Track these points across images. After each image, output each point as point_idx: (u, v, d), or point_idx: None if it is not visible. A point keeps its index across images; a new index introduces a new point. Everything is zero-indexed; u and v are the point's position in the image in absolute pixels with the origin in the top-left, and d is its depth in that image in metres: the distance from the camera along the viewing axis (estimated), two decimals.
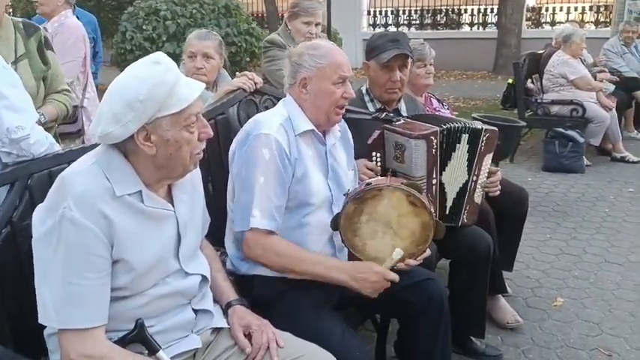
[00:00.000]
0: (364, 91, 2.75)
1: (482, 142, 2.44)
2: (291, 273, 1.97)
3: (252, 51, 8.20)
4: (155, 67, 1.47)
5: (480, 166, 2.48)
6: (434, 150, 2.34)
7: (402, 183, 1.94)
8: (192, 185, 1.71)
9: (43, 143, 2.00)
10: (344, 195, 2.00)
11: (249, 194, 1.92)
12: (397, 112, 2.72)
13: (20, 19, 2.68)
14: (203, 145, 1.57)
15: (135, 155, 1.51)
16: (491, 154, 2.51)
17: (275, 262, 1.95)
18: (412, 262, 1.97)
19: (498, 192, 2.68)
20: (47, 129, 2.59)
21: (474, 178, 2.49)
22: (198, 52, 2.93)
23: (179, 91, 1.47)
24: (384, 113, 2.64)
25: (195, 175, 1.74)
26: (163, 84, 1.44)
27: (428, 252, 2.00)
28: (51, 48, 2.73)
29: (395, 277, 1.91)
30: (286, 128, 2.01)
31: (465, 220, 2.54)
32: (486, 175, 2.55)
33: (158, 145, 1.48)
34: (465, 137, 2.43)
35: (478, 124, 2.49)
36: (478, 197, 2.55)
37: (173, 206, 1.61)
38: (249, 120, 2.11)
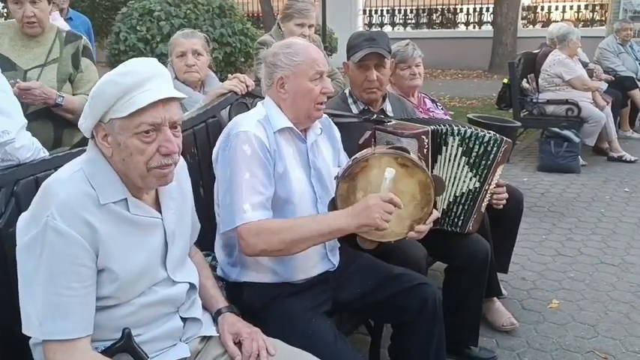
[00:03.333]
0: (347, 93, 2.73)
1: (500, 152, 2.41)
2: (295, 246, 1.84)
3: (247, 51, 8.14)
4: (118, 68, 1.47)
5: (493, 176, 2.46)
6: (425, 149, 2.32)
7: (387, 148, 1.89)
8: (180, 192, 1.68)
9: (29, 148, 1.99)
10: (335, 178, 1.96)
11: (236, 192, 1.86)
12: (382, 112, 2.70)
13: (67, 29, 2.91)
14: (167, 160, 1.48)
15: (108, 158, 1.49)
16: (502, 166, 2.47)
17: (275, 242, 1.82)
18: (423, 227, 1.90)
19: (501, 206, 2.65)
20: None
21: (487, 187, 2.45)
22: (187, 50, 2.96)
23: (134, 97, 1.42)
24: (374, 114, 2.62)
25: (184, 182, 1.72)
26: (113, 84, 1.43)
27: (436, 213, 1.94)
28: (88, 56, 2.87)
29: (397, 200, 1.76)
30: (264, 125, 1.98)
31: (471, 229, 2.52)
32: (495, 185, 2.52)
33: (113, 147, 1.47)
34: (453, 140, 2.39)
35: (491, 134, 2.44)
36: (483, 207, 2.53)
37: (161, 214, 1.59)
38: (230, 122, 2.09)
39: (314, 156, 2.09)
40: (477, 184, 2.44)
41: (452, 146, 2.41)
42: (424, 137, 2.31)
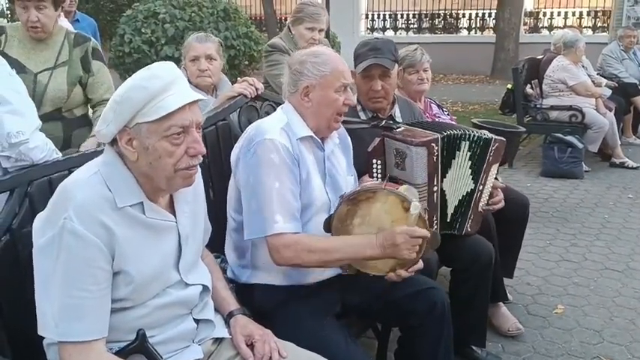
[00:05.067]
0: (355, 101, 2.74)
1: (490, 151, 2.43)
2: (327, 265, 1.97)
3: (251, 54, 8.19)
4: (141, 72, 1.48)
5: (487, 176, 2.47)
6: (435, 157, 2.33)
7: (397, 188, 1.91)
8: (194, 195, 1.69)
9: (43, 149, 2.00)
10: (339, 197, 1.99)
11: (265, 201, 1.88)
12: (391, 118, 2.71)
13: (75, 32, 2.89)
14: (194, 161, 1.51)
15: (129, 162, 1.50)
16: (497, 165, 2.49)
17: (310, 259, 1.89)
18: (403, 272, 1.93)
19: (498, 207, 2.68)
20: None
21: (481, 188, 2.47)
22: (201, 54, 2.95)
23: (163, 100, 1.44)
24: (383, 121, 2.63)
25: (198, 185, 1.72)
26: (141, 89, 1.43)
27: (420, 264, 1.97)
28: (99, 58, 2.86)
29: (424, 232, 1.83)
30: (287, 132, 1.99)
31: (469, 229, 2.53)
32: (491, 185, 2.54)
33: (139, 152, 1.47)
34: (464, 144, 2.41)
35: (486, 133, 2.47)
36: (480, 207, 2.54)
37: (175, 217, 1.60)
38: (250, 126, 2.09)
39: (331, 164, 2.12)
40: (472, 185, 2.46)
41: (463, 150, 2.42)
42: (434, 145, 2.32)
